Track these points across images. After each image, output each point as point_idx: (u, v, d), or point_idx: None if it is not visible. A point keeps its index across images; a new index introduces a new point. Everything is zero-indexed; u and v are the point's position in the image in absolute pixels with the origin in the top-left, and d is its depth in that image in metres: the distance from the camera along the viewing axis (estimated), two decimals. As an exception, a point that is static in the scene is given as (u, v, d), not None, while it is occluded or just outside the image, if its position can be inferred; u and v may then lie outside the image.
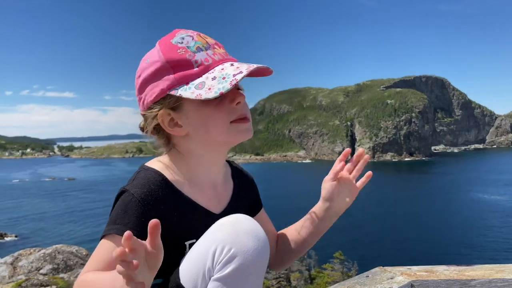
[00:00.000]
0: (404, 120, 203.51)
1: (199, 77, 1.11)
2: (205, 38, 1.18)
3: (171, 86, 1.12)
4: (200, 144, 1.20)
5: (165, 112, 1.15)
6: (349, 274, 11.57)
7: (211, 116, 1.14)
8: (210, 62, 1.13)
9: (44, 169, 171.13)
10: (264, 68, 1.16)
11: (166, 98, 1.14)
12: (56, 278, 10.62)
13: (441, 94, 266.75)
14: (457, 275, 1.60)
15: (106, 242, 1.08)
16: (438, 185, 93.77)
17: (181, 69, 1.12)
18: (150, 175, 1.17)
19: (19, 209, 72.14)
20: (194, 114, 1.15)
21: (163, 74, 1.13)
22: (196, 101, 1.11)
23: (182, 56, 1.12)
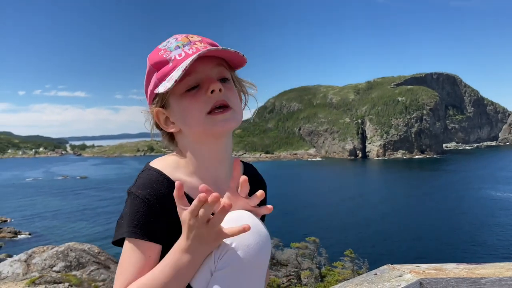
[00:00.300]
0: (415, 117, 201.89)
1: (172, 71, 1.16)
2: (190, 37, 1.22)
3: (155, 85, 1.19)
4: (190, 139, 1.23)
5: (157, 111, 1.22)
6: (360, 272, 11.54)
7: (187, 107, 1.17)
8: (183, 57, 1.17)
9: (56, 168, 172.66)
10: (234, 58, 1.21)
11: (155, 98, 1.22)
12: (69, 276, 10.75)
13: (452, 91, 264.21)
14: (467, 273, 1.58)
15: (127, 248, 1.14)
16: (449, 182, 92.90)
17: (160, 68, 1.18)
18: (152, 175, 1.20)
19: (33, 207, 72.92)
20: (176, 109, 1.20)
21: (151, 76, 1.22)
22: (176, 95, 1.17)
23: (161, 57, 1.19)
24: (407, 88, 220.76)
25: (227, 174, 1.30)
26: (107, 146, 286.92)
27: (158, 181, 1.19)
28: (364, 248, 35.19)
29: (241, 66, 1.26)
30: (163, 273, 1.06)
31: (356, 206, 65.41)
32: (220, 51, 1.15)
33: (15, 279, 10.18)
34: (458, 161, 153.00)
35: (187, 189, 1.20)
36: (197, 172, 1.25)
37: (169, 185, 1.18)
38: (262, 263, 1.09)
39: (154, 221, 1.13)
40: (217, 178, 1.28)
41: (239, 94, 1.30)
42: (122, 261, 1.13)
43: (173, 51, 1.18)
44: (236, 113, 1.22)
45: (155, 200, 1.15)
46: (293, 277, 13.25)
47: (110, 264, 11.71)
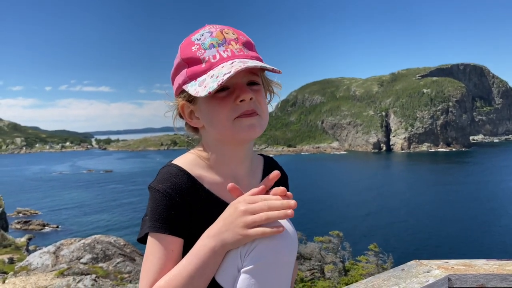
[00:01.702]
0: (441, 109, 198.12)
1: (205, 74, 1.15)
2: (225, 33, 1.20)
3: (184, 81, 1.19)
4: (213, 137, 1.24)
5: (184, 104, 1.23)
6: (384, 267, 11.42)
7: (215, 110, 1.17)
8: (217, 59, 1.15)
9: (82, 162, 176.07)
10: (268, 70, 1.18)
11: (183, 92, 1.21)
12: (96, 267, 10.96)
13: (480, 82, 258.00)
14: (497, 269, 1.54)
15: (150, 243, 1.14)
16: (476, 176, 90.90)
17: (192, 66, 1.17)
18: (172, 170, 1.21)
19: (60, 200, 74.61)
20: (204, 108, 1.20)
21: (181, 69, 1.21)
22: (205, 97, 1.14)
23: (194, 53, 1.17)
24: (433, 79, 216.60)
25: (247, 171, 1.32)
26: (132, 140, 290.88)
27: (178, 176, 1.19)
28: (389, 242, 34.83)
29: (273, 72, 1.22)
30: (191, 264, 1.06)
31: (380, 200, 64.71)
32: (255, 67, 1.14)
33: (44, 270, 10.43)
34: (485, 154, 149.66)
35: (208, 185, 1.23)
36: (217, 168, 1.26)
37: (189, 180, 1.19)
38: (289, 260, 1.09)
39: (175, 214, 1.14)
40: (237, 175, 1.29)
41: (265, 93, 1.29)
42: (146, 257, 1.14)
43: (207, 50, 1.16)
44: (262, 119, 1.22)
45: (175, 193, 1.15)
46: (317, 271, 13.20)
47: (135, 256, 11.88)
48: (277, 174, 1.13)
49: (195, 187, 1.20)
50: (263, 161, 1.41)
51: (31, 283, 9.04)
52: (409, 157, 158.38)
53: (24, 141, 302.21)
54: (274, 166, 1.44)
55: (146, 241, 1.17)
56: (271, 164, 1.43)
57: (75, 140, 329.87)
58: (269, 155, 1.48)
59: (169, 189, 1.16)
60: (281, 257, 1.07)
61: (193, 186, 1.20)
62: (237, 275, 1.08)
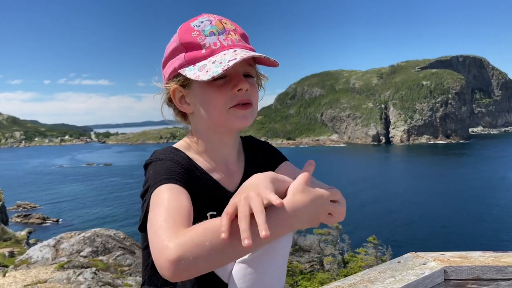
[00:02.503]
0: (440, 101, 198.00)
1: (205, 59, 1.15)
2: (224, 23, 1.21)
3: (181, 65, 1.18)
4: (204, 124, 1.24)
5: (176, 88, 1.22)
6: (383, 258, 11.49)
7: (212, 97, 1.17)
8: (218, 47, 1.16)
9: (82, 155, 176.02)
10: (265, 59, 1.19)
11: (178, 76, 1.20)
12: (96, 260, 11.00)
13: (479, 74, 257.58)
14: (492, 261, 1.56)
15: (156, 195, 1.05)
16: (475, 168, 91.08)
17: (191, 51, 1.17)
18: (168, 148, 1.24)
19: (59, 193, 74.69)
20: (198, 94, 1.19)
21: (177, 53, 1.20)
22: (202, 82, 1.15)
23: (194, 39, 1.17)
24: (432, 71, 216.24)
25: (236, 156, 1.34)
26: (131, 134, 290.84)
27: (175, 152, 1.22)
28: (387, 234, 34.99)
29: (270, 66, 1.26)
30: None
31: (379, 192, 64.86)
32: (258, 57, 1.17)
33: (44, 263, 10.47)
34: (484, 146, 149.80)
35: (201, 165, 1.25)
36: (208, 152, 1.27)
37: (186, 157, 1.22)
38: (285, 249, 1.10)
39: (183, 172, 1.13)
40: (227, 160, 1.31)
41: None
42: (155, 209, 1.00)
43: (208, 37, 1.17)
44: (254, 110, 1.24)
45: (177, 160, 1.17)
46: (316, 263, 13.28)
47: (135, 249, 11.93)
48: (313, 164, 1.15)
49: (192, 164, 1.21)
50: (242, 142, 1.40)
51: (31, 276, 9.08)
52: (408, 149, 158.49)
53: (23, 135, 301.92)
54: (253, 144, 1.44)
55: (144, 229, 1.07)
56: (249, 143, 1.43)
57: (74, 133, 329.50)
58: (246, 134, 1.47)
59: (170, 156, 1.18)
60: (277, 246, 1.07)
61: (190, 163, 1.21)
62: (233, 264, 1.08)
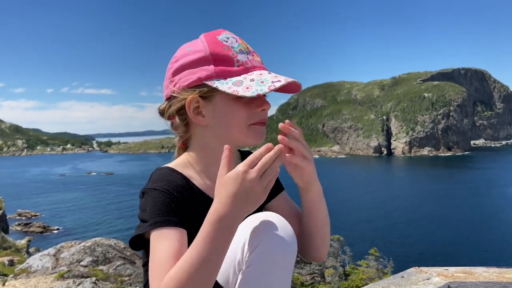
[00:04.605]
0: (442, 114, 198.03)
1: (238, 76, 1.17)
2: (246, 44, 1.25)
3: (209, 77, 1.17)
4: (217, 138, 1.23)
5: (194, 98, 1.19)
6: (385, 271, 11.39)
7: (236, 113, 1.19)
8: (250, 66, 1.19)
9: (83, 164, 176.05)
10: (294, 85, 1.21)
11: (200, 86, 1.18)
12: (96, 270, 10.96)
13: (481, 86, 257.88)
14: (497, 277, 1.53)
15: (154, 240, 1.08)
16: (477, 181, 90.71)
17: (222, 64, 1.18)
18: (163, 171, 1.22)
19: (60, 202, 74.62)
20: (221, 108, 1.19)
21: (203, 64, 1.19)
22: (227, 97, 1.17)
23: (226, 53, 1.18)
24: (434, 84, 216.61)
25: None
26: (132, 143, 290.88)
27: (172, 175, 1.20)
28: (389, 247, 34.81)
29: (293, 92, 1.27)
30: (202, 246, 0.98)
31: (381, 204, 64.66)
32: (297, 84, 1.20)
33: (44, 272, 10.41)
34: (486, 158, 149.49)
35: (199, 185, 1.24)
36: (209, 168, 1.26)
37: (183, 178, 1.21)
38: (289, 262, 1.10)
39: (175, 207, 1.12)
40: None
41: None
42: (152, 254, 1.06)
43: (239, 55, 1.20)
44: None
45: (172, 189, 1.15)
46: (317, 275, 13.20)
47: (135, 259, 11.87)
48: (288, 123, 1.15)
49: (189, 185, 1.21)
50: (240, 156, 1.39)
51: (31, 285, 9.03)
52: (410, 161, 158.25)
53: (25, 143, 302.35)
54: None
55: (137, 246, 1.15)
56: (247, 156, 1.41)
57: (76, 142, 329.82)
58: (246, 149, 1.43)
59: (166, 186, 1.15)
60: (281, 259, 1.07)
61: (187, 184, 1.21)
62: (237, 275, 1.09)
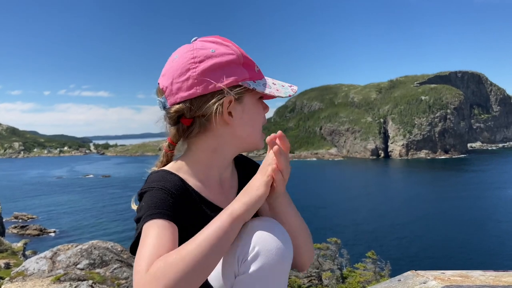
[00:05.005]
0: (439, 116, 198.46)
1: (259, 79, 1.24)
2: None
3: (244, 78, 1.21)
4: (232, 139, 1.26)
5: (228, 99, 1.20)
6: (382, 274, 11.39)
7: (260, 114, 1.27)
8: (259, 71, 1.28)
9: (80, 167, 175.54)
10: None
11: (234, 87, 1.20)
12: (93, 273, 10.92)
13: (477, 89, 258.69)
14: (493, 280, 1.53)
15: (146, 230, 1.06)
16: (474, 183, 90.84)
17: (249, 68, 1.23)
18: (161, 172, 1.22)
19: (57, 205, 74.35)
20: (249, 108, 1.24)
21: (235, 65, 1.21)
22: (254, 98, 1.24)
23: (249, 57, 1.25)
24: (431, 87, 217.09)
25: (230, 173, 1.36)
26: (130, 145, 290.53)
27: (169, 176, 1.20)
28: (387, 250, 34.81)
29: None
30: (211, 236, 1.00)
31: (378, 207, 64.67)
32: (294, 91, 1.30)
33: (40, 275, 10.36)
34: (483, 161, 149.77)
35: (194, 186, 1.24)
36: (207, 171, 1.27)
37: (179, 180, 1.21)
38: (285, 267, 1.10)
39: (172, 203, 1.12)
40: (223, 177, 1.32)
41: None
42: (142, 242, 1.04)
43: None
44: None
45: (170, 187, 1.15)
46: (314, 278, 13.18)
47: (132, 262, 11.83)
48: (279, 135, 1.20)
49: (185, 187, 1.20)
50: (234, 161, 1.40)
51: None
52: (407, 164, 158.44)
53: (22, 146, 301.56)
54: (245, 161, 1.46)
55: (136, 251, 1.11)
56: (241, 160, 1.45)
57: (73, 144, 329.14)
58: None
59: (163, 184, 1.15)
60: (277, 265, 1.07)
61: (184, 185, 1.20)
62: (233, 281, 1.08)
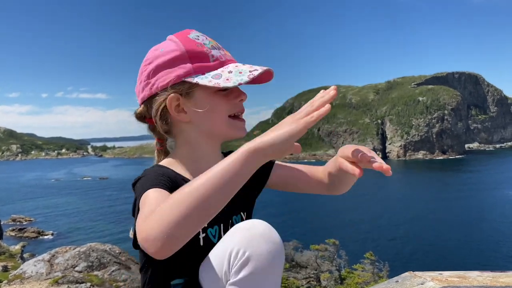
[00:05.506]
0: (437, 117, 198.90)
1: (215, 70, 1.20)
2: (215, 41, 1.29)
3: (188, 73, 1.20)
4: (201, 133, 1.27)
5: (174, 96, 1.21)
6: (380, 275, 11.42)
7: (217, 106, 1.22)
8: (224, 59, 1.23)
9: (78, 169, 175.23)
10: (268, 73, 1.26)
11: (179, 84, 1.20)
12: (91, 276, 10.90)
13: (475, 90, 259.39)
14: (490, 281, 1.53)
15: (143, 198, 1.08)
16: (472, 184, 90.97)
17: (198, 61, 1.21)
18: (154, 167, 1.27)
19: (55, 207, 74.19)
20: (202, 102, 1.22)
21: (179, 62, 1.21)
22: (207, 91, 1.21)
23: (200, 49, 1.22)
24: (428, 88, 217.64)
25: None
26: (128, 147, 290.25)
27: (163, 169, 1.24)
28: (385, 251, 34.77)
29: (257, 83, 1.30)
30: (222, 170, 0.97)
31: (376, 208, 64.76)
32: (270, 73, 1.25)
33: (38, 278, 10.35)
34: (481, 162, 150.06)
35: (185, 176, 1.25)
36: (195, 164, 1.28)
37: (172, 171, 1.24)
38: (276, 271, 1.08)
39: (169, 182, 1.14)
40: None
41: None
42: (142, 204, 1.06)
43: (213, 50, 1.24)
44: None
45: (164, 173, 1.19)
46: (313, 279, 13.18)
47: (130, 264, 11.83)
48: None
49: (179, 177, 1.23)
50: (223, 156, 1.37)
51: (25, 291, 8.99)
52: (405, 165, 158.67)
53: (19, 148, 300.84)
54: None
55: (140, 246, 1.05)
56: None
57: (71, 147, 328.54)
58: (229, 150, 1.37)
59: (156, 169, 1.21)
60: (269, 268, 1.06)
61: (177, 175, 1.22)
62: (225, 285, 1.08)
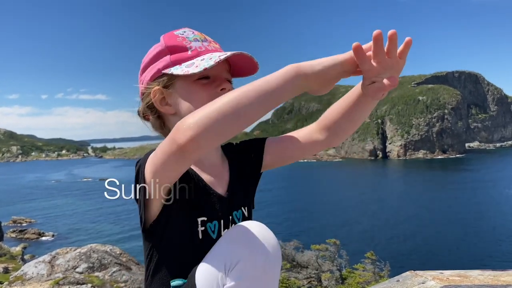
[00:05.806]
0: (437, 117, 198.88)
1: (191, 60, 1.21)
2: (204, 35, 1.30)
3: (166, 66, 1.23)
4: None
5: (157, 89, 1.24)
6: (381, 275, 11.40)
7: (197, 94, 1.21)
8: (203, 50, 1.24)
9: (78, 170, 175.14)
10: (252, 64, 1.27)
11: (161, 77, 1.24)
12: (92, 277, 10.90)
13: (475, 89, 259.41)
14: (492, 280, 1.53)
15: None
16: (472, 183, 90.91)
17: (177, 53, 1.23)
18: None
19: (56, 208, 74.21)
20: (182, 92, 1.22)
21: (162, 56, 1.25)
22: (186, 81, 1.21)
23: (180, 42, 1.24)
24: (428, 87, 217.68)
25: (220, 160, 1.36)
26: (128, 148, 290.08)
27: None
28: (386, 250, 34.75)
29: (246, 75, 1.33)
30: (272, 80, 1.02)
31: (377, 207, 64.70)
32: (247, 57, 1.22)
33: (39, 279, 10.35)
34: (481, 161, 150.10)
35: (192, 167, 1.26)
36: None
37: None
38: (273, 275, 1.08)
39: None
40: (212, 162, 1.32)
41: None
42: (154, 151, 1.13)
43: (193, 42, 1.25)
44: None
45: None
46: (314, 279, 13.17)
47: (131, 265, 11.82)
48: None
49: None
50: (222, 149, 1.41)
51: (26, 293, 8.99)
52: (406, 164, 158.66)
53: (20, 149, 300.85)
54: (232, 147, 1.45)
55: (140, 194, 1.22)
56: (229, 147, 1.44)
57: (71, 148, 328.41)
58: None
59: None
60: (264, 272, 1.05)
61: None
62: None
